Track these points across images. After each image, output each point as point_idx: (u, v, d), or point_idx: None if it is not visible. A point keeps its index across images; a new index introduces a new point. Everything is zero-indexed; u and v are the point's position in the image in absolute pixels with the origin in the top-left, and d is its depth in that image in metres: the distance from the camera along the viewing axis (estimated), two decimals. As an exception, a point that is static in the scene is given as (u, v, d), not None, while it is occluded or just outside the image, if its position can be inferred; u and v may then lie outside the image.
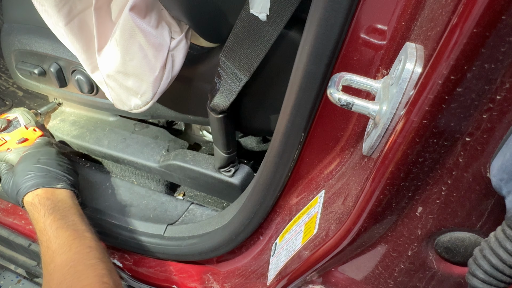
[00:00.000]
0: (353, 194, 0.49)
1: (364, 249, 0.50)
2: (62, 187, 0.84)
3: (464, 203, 0.38)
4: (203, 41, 0.80)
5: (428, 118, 0.34)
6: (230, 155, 0.84)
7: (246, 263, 0.81)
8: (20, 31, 0.97)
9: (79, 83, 0.95)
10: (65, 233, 0.72)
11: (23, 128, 0.99)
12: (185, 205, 0.96)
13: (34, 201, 0.79)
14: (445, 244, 0.42)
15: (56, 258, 0.69)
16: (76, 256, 0.69)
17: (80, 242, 0.72)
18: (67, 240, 0.71)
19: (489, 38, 0.29)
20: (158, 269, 0.91)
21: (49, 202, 0.79)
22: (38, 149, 0.91)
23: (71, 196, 0.84)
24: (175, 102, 0.91)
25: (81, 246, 0.71)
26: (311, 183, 0.66)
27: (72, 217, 0.77)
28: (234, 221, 0.79)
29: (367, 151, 0.45)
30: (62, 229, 0.73)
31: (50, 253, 0.70)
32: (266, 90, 0.78)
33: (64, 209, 0.79)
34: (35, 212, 0.78)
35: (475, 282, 0.34)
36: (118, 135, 1.05)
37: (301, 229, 0.62)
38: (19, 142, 0.95)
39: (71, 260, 0.68)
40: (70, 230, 0.73)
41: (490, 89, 0.31)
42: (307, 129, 0.59)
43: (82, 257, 0.69)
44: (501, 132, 0.33)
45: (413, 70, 0.36)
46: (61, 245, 0.70)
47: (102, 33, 0.72)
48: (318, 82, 0.53)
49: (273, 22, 0.62)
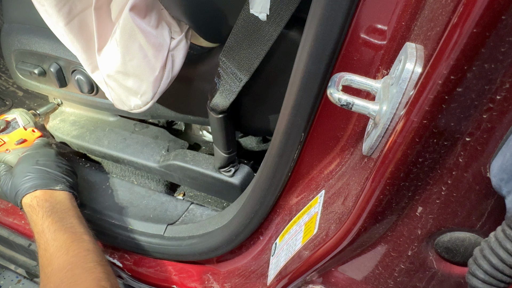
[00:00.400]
0: (353, 194, 0.49)
1: (364, 249, 0.50)
2: (60, 189, 0.83)
3: (464, 203, 0.38)
4: (203, 41, 0.80)
5: (428, 118, 0.34)
6: (230, 155, 0.85)
7: (246, 263, 0.81)
8: (20, 31, 0.97)
9: (79, 83, 0.95)
10: (63, 236, 0.72)
11: (22, 129, 0.99)
12: (185, 205, 0.96)
13: (33, 203, 0.79)
14: (445, 244, 0.42)
15: (54, 261, 0.69)
16: (73, 259, 0.68)
17: (78, 245, 0.71)
18: (64, 243, 0.71)
19: (489, 38, 0.29)
20: (158, 269, 0.91)
21: (47, 204, 0.78)
22: (37, 150, 0.91)
23: (70, 198, 0.84)
24: (175, 102, 0.91)
25: (79, 249, 0.71)
26: (311, 183, 0.66)
27: (70, 220, 0.77)
28: (234, 221, 0.79)
29: (367, 151, 0.45)
30: (60, 232, 0.73)
31: (48, 255, 0.70)
32: (266, 90, 0.78)
33: (62, 211, 0.78)
34: (33, 214, 0.78)
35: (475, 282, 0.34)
36: (118, 135, 1.05)
37: (301, 229, 0.62)
38: (17, 143, 0.95)
39: (69, 263, 0.68)
40: (68, 232, 0.73)
41: (490, 89, 0.31)
42: (307, 129, 0.59)
43: (79, 260, 0.69)
44: (501, 132, 0.33)
45: (413, 70, 0.36)
46: (59, 248, 0.70)
47: (102, 33, 0.72)
48: (318, 82, 0.53)
49: (273, 22, 0.62)
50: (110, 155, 1.03)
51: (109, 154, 1.03)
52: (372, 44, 0.49)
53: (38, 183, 0.82)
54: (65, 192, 0.84)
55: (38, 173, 0.83)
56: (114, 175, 1.06)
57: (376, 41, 0.49)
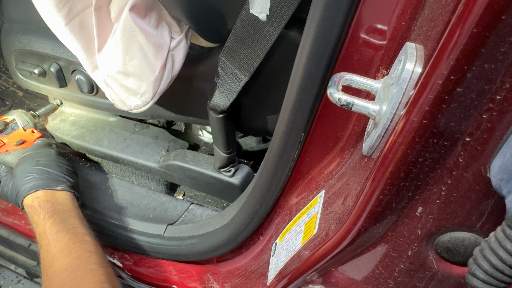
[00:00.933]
0: (353, 194, 0.49)
1: (364, 249, 0.50)
2: (62, 189, 0.83)
3: (464, 203, 0.38)
4: (203, 41, 0.80)
5: (428, 118, 0.34)
6: (230, 155, 0.85)
7: (246, 263, 0.81)
8: (20, 31, 0.97)
9: (79, 83, 0.95)
10: (65, 237, 0.72)
11: (21, 130, 0.98)
12: (185, 205, 0.96)
13: (34, 203, 0.79)
14: (445, 244, 0.42)
15: (56, 263, 0.68)
16: (75, 261, 0.68)
17: (80, 247, 0.71)
18: (67, 244, 0.71)
19: (489, 38, 0.29)
20: (158, 269, 0.91)
21: (49, 204, 0.78)
22: (37, 151, 0.90)
23: (71, 198, 0.83)
24: (175, 102, 0.91)
25: (81, 250, 0.70)
26: (311, 183, 0.66)
27: (72, 220, 0.77)
28: (234, 221, 0.79)
29: (367, 151, 0.45)
30: (62, 233, 0.72)
31: (50, 257, 0.70)
32: (266, 90, 0.78)
33: (64, 212, 0.78)
34: (34, 214, 0.77)
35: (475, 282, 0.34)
36: (118, 136, 1.05)
37: (301, 229, 0.62)
38: (17, 144, 0.94)
39: (71, 265, 0.67)
40: (70, 234, 0.73)
41: (490, 89, 0.31)
42: (307, 129, 0.59)
43: (81, 262, 0.68)
44: (501, 132, 0.33)
45: (413, 70, 0.36)
46: (61, 250, 0.70)
47: (102, 33, 0.72)
48: (318, 82, 0.53)
49: (273, 22, 0.62)
50: (110, 155, 1.03)
51: (109, 154, 1.03)
52: (372, 44, 0.49)
53: (39, 184, 0.81)
54: (67, 192, 0.83)
55: (39, 173, 0.83)
56: (114, 175, 1.06)
57: (376, 41, 0.49)
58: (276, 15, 0.61)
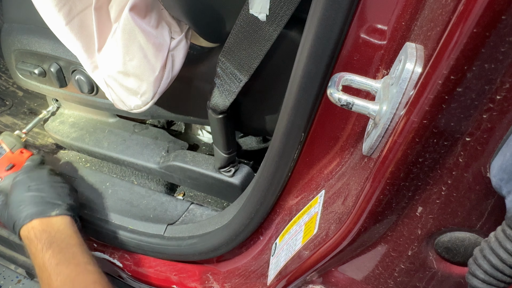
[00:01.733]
0: (353, 194, 0.49)
1: (364, 249, 0.50)
2: (57, 214, 0.78)
3: (464, 203, 0.38)
4: (203, 41, 0.80)
5: (428, 118, 0.34)
6: (230, 155, 0.85)
7: (246, 263, 0.81)
8: (20, 31, 0.97)
9: (79, 83, 0.95)
10: (66, 269, 0.69)
11: (9, 154, 0.93)
12: (185, 205, 0.96)
13: (30, 235, 0.75)
14: (445, 244, 0.42)
15: None
16: None
17: (84, 278, 0.69)
18: (69, 276, 0.68)
19: (489, 38, 0.29)
20: (158, 269, 0.91)
21: (46, 235, 0.74)
22: (27, 174, 0.85)
23: (68, 222, 0.79)
24: (175, 102, 0.91)
25: (85, 282, 0.68)
26: (311, 183, 0.66)
27: (71, 249, 0.73)
28: (234, 221, 0.79)
29: (367, 151, 0.45)
30: (63, 265, 0.69)
31: None
32: (266, 90, 0.78)
33: (62, 240, 0.74)
34: (31, 247, 0.74)
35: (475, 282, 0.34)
36: (118, 137, 1.05)
37: (301, 229, 0.62)
38: (7, 169, 0.90)
39: None
40: (72, 265, 0.70)
41: (490, 89, 0.31)
42: (307, 129, 0.59)
43: None
44: (501, 132, 0.33)
45: (413, 70, 0.36)
46: (63, 283, 0.67)
47: (102, 33, 0.72)
48: (318, 82, 0.53)
49: (273, 22, 0.62)
50: (110, 156, 1.03)
51: (109, 156, 1.03)
52: (372, 44, 0.49)
53: (32, 212, 0.77)
54: (63, 216, 0.79)
55: (32, 200, 0.79)
56: (114, 175, 1.06)
57: (376, 41, 0.49)
58: (276, 15, 0.61)
